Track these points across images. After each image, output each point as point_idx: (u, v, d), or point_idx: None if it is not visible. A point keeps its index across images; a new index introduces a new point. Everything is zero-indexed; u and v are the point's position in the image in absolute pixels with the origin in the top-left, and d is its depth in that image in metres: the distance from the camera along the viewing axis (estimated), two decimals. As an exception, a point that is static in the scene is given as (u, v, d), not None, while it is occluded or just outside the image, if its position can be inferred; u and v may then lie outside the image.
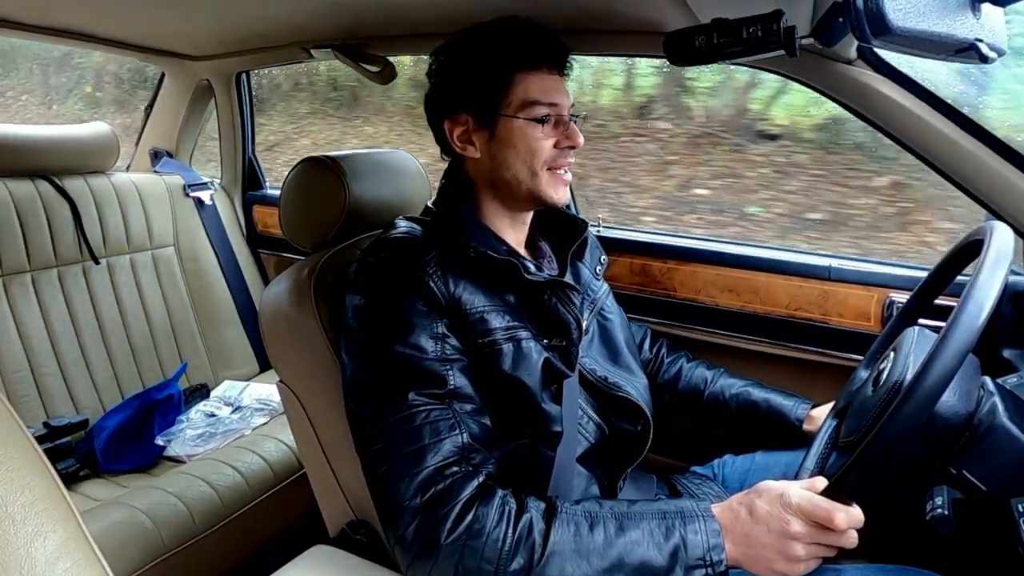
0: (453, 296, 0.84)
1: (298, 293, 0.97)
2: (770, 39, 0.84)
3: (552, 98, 0.91)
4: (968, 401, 0.74)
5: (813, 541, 0.70)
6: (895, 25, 0.61)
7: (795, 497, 0.71)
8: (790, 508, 0.71)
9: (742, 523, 0.73)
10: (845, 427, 0.88)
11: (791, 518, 0.71)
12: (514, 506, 0.75)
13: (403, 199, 1.15)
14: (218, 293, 1.92)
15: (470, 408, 0.81)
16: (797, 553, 0.70)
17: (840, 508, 0.69)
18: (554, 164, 0.92)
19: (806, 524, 0.70)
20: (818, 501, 0.70)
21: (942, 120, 0.99)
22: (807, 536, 0.70)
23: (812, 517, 0.70)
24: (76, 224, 1.65)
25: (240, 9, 1.40)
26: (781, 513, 0.71)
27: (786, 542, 0.70)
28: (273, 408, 1.68)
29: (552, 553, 0.71)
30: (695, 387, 1.18)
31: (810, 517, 0.70)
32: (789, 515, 0.71)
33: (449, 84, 0.94)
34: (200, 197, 1.94)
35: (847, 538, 0.70)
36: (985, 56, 0.69)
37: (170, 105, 2.04)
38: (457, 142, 0.94)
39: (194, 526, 1.30)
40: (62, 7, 1.45)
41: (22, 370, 1.50)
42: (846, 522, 0.69)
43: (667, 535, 0.73)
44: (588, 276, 1.06)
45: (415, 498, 0.74)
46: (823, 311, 1.29)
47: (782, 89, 2.56)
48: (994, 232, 0.77)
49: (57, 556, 0.45)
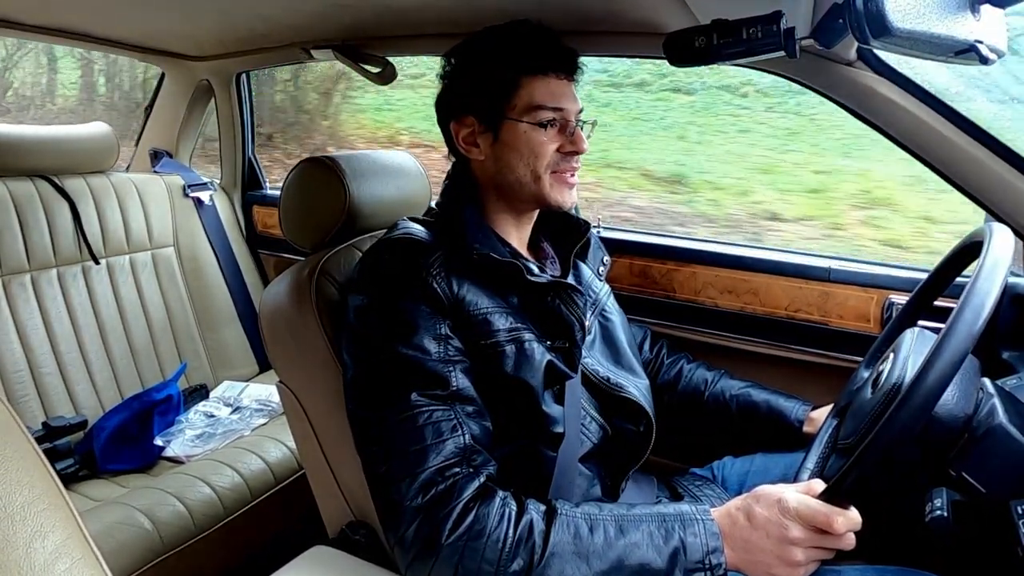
0: (456, 297, 0.84)
1: (298, 293, 0.97)
2: (770, 40, 0.84)
3: (558, 103, 0.91)
4: (967, 403, 0.74)
5: (812, 545, 0.70)
6: (895, 26, 0.61)
7: (793, 502, 0.71)
8: (788, 513, 0.71)
9: (740, 529, 0.73)
10: (844, 429, 0.88)
11: (789, 523, 0.71)
12: (515, 508, 0.75)
13: (403, 200, 1.15)
14: (217, 293, 1.92)
15: (472, 409, 0.81)
16: (796, 558, 0.70)
17: (838, 512, 0.69)
18: (558, 168, 0.92)
19: (804, 529, 0.70)
20: (816, 506, 0.70)
21: (942, 122, 0.99)
22: (806, 541, 0.70)
23: (810, 522, 0.70)
24: (76, 224, 1.65)
25: (240, 9, 1.40)
26: (779, 519, 0.71)
27: (785, 547, 0.70)
28: (272, 409, 1.68)
29: (552, 555, 0.72)
30: (695, 388, 1.18)
31: (808, 522, 0.70)
32: (787, 520, 0.71)
33: (457, 86, 0.95)
34: (200, 197, 1.94)
35: (845, 541, 0.70)
36: (985, 57, 0.69)
37: (170, 105, 2.04)
38: (462, 143, 0.94)
39: (193, 527, 1.30)
40: (62, 7, 1.45)
41: (21, 370, 1.50)
42: (844, 526, 0.69)
43: (666, 538, 0.73)
44: (590, 276, 1.06)
45: (416, 498, 0.74)
46: (823, 312, 1.29)
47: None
48: (994, 233, 0.77)
49: (56, 556, 0.45)
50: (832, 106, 1.05)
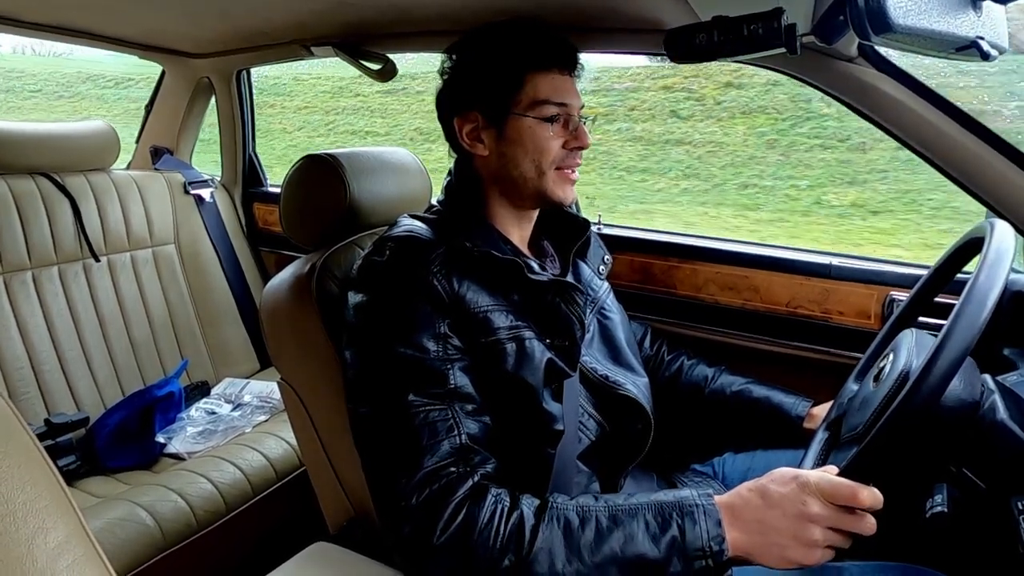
0: (457, 295, 0.84)
1: (299, 290, 0.97)
2: (771, 37, 0.84)
3: (562, 98, 0.91)
4: (972, 391, 0.73)
5: (832, 525, 0.68)
6: (896, 23, 0.60)
7: (813, 477, 0.69)
8: (808, 488, 0.68)
9: (754, 509, 0.71)
10: (846, 424, 0.88)
11: (809, 498, 0.68)
12: (507, 504, 0.74)
13: (404, 196, 1.15)
14: (218, 290, 1.92)
15: (470, 408, 0.80)
16: (815, 537, 0.67)
17: (863, 487, 0.67)
18: (562, 164, 0.93)
19: (825, 505, 0.68)
20: (839, 480, 0.68)
21: (943, 118, 0.99)
22: (827, 519, 0.67)
23: (834, 497, 0.67)
24: (76, 221, 1.65)
25: (241, 7, 1.39)
26: (798, 495, 0.69)
27: (804, 525, 0.68)
28: (273, 405, 1.68)
29: (540, 549, 0.71)
30: (695, 385, 1.18)
31: (832, 498, 0.67)
32: (807, 495, 0.68)
33: (461, 81, 0.95)
34: (200, 194, 1.94)
35: (866, 522, 0.67)
36: (986, 53, 0.69)
37: (170, 103, 2.04)
38: (466, 139, 0.94)
39: (195, 523, 1.30)
40: (62, 5, 1.44)
41: (23, 367, 1.50)
42: (871, 499, 0.66)
43: (663, 527, 0.71)
44: (589, 275, 1.06)
45: (411, 498, 0.74)
46: (823, 309, 1.29)
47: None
48: (995, 230, 0.77)
49: (58, 553, 0.45)
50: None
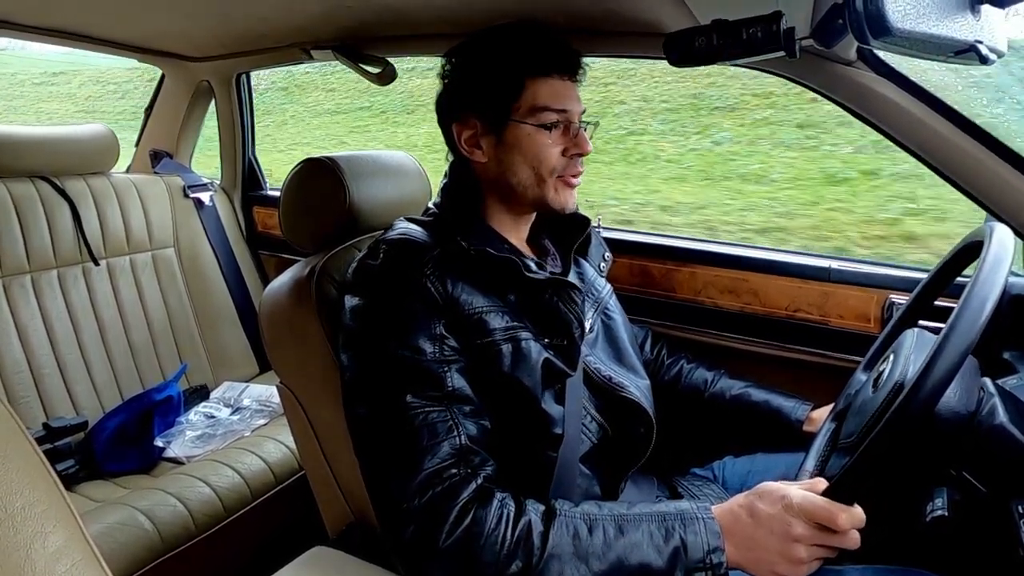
0: (451, 296, 0.83)
1: (298, 294, 0.97)
2: (770, 40, 0.84)
3: (562, 104, 0.90)
4: (968, 401, 0.74)
5: (815, 543, 0.70)
6: (895, 26, 0.60)
7: (797, 499, 0.71)
8: (792, 510, 0.71)
9: (743, 526, 0.73)
10: (845, 428, 0.88)
11: (793, 520, 0.70)
12: (513, 508, 0.75)
13: (404, 199, 1.15)
14: (218, 294, 1.92)
15: (469, 409, 0.80)
16: (800, 555, 0.70)
17: (842, 509, 0.69)
18: (563, 173, 0.92)
19: (808, 526, 0.70)
20: (820, 502, 0.70)
21: (941, 122, 0.99)
22: (810, 538, 0.70)
23: (814, 519, 0.69)
24: (76, 225, 1.65)
25: (240, 10, 1.40)
26: (783, 515, 0.71)
27: (789, 544, 0.70)
28: (273, 409, 1.68)
29: (551, 556, 0.71)
30: (695, 388, 1.18)
31: (812, 519, 0.70)
32: (791, 517, 0.70)
33: (459, 87, 0.94)
34: (200, 198, 1.94)
35: (849, 539, 0.69)
36: (985, 57, 0.69)
37: (170, 106, 2.04)
38: (465, 145, 0.93)
39: (194, 527, 1.30)
40: (62, 8, 1.45)
41: (22, 371, 1.50)
42: (848, 523, 0.68)
43: (667, 537, 0.73)
44: (592, 274, 1.06)
45: (413, 500, 0.74)
46: (823, 312, 1.29)
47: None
48: (994, 233, 0.77)
49: (57, 557, 0.45)
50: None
